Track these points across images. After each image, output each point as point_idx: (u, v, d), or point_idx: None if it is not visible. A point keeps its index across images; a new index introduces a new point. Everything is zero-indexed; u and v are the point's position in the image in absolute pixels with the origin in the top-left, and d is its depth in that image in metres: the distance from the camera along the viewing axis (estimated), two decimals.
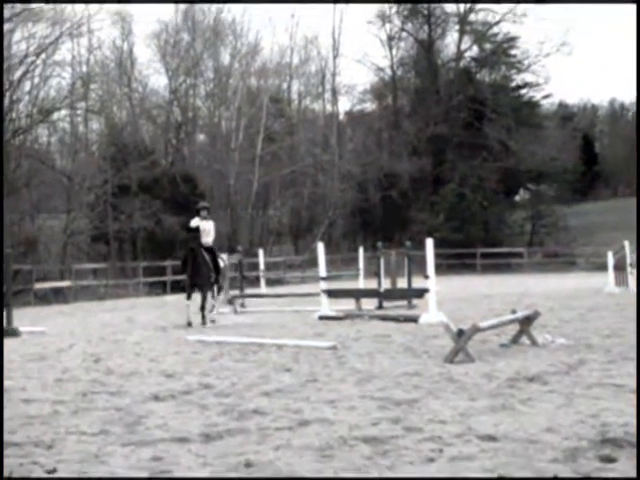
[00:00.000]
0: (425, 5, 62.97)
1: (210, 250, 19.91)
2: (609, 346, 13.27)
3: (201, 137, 62.06)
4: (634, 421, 7.71)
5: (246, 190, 55.08)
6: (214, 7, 56.78)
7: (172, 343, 15.46)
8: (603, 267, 31.47)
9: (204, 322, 19.07)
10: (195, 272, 19.10)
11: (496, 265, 51.44)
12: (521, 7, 59.58)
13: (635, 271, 29.79)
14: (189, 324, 18.78)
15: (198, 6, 55.90)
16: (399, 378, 10.55)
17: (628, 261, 30.03)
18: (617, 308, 20.85)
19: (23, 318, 21.48)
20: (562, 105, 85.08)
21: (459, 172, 58.74)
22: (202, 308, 19.18)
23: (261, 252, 32.33)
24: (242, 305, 25.36)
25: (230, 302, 24.90)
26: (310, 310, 22.04)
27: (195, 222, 19.66)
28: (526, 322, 13.95)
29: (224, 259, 22.82)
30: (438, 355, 12.55)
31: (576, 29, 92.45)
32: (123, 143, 49.73)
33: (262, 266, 31.81)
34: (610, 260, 29.82)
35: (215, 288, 20.77)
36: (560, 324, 16.99)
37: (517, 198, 68.64)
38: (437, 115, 60.56)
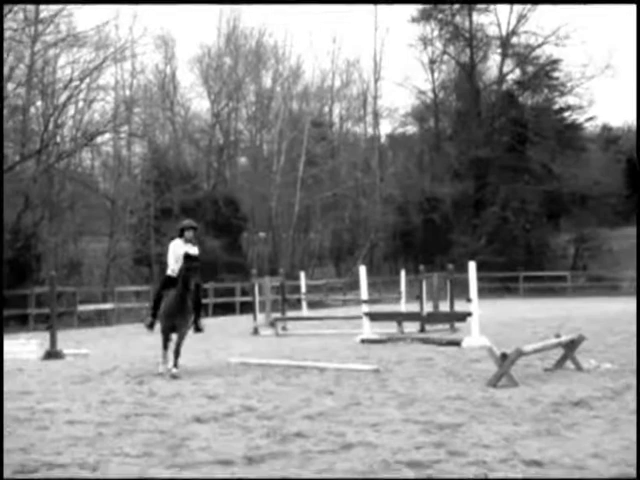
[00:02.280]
0: (467, 28, 62.95)
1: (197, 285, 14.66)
2: None
3: (243, 160, 62.33)
4: None
5: (288, 213, 55.22)
6: (256, 31, 57.15)
7: (214, 365, 15.49)
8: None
9: (175, 366, 14.06)
10: (179, 311, 14.25)
11: (539, 289, 51.02)
12: (564, 29, 59.33)
13: None
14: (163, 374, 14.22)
15: (240, 30, 56.30)
16: (442, 402, 10.50)
17: None
18: None
19: (67, 340, 21.63)
20: (606, 128, 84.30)
21: (501, 195, 58.44)
22: (177, 352, 14.18)
23: (302, 275, 32.31)
24: (284, 328, 25.38)
25: (272, 325, 24.93)
26: (352, 333, 22.00)
27: (177, 248, 14.62)
28: (570, 346, 13.83)
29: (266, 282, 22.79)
30: (481, 379, 12.48)
31: (620, 51, 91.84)
32: (165, 166, 50.06)
33: (304, 289, 31.78)
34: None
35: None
36: (605, 349, 16.83)
37: (560, 221, 68.14)
38: (479, 138, 60.34)
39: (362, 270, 21.57)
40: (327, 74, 63.88)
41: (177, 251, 14.62)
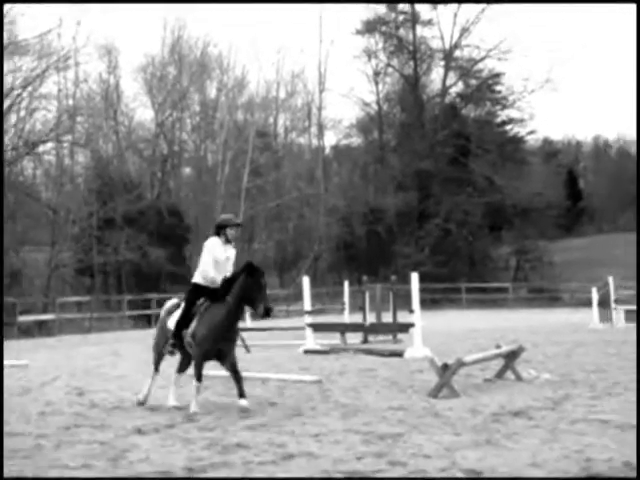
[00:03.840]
0: (410, 41, 63.44)
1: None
2: (593, 382, 13.29)
3: (187, 170, 62.11)
4: (618, 456, 7.71)
5: None
6: (201, 41, 57.08)
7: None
8: (587, 303, 31.60)
9: (243, 395, 11.10)
10: (230, 334, 11.27)
11: (481, 300, 51.45)
12: (506, 43, 60.06)
13: (619, 307, 29.91)
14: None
15: (185, 40, 56.16)
16: (384, 412, 10.54)
17: (612, 297, 30.11)
18: (601, 344, 20.89)
19: (7, 351, 21.35)
20: (547, 141, 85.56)
21: (444, 207, 58.86)
22: (240, 376, 11.21)
23: None
24: None
25: None
26: (295, 344, 21.99)
27: (217, 249, 11.49)
28: (511, 357, 13.97)
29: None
30: (423, 390, 12.55)
31: (560, 66, 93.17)
32: (109, 176, 49.70)
33: None
34: (594, 296, 29.93)
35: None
36: (545, 359, 17.00)
37: (502, 233, 68.82)
38: (422, 150, 60.75)
39: (305, 281, 21.60)
40: (272, 85, 64.03)
41: (217, 254, 11.44)
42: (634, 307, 29.46)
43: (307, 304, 21.13)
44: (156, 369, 12.02)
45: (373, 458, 7.84)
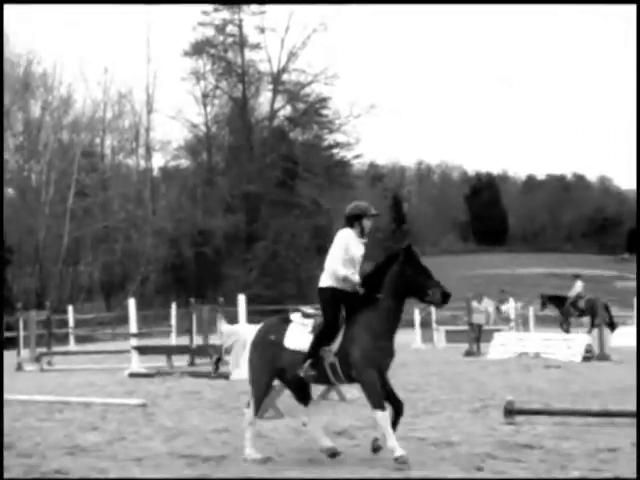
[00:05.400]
0: (239, 64, 63.73)
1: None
2: (414, 401, 13.61)
3: (9, 191, 60.33)
4: (434, 473, 7.95)
5: (56, 245, 53.86)
6: (24, 59, 55.69)
7: None
8: (410, 324, 32.34)
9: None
10: (391, 346, 9.07)
11: None
12: (332, 69, 61.19)
13: (440, 328, 30.84)
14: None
15: (7, 57, 54.60)
16: (208, 435, 10.52)
17: (434, 318, 30.99)
18: (422, 364, 21.43)
19: None
20: (372, 165, 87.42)
21: (272, 229, 59.27)
22: (401, 410, 9.25)
23: (70, 308, 31.59)
24: (49, 363, 24.66)
25: (37, 360, 24.17)
26: (120, 367, 21.65)
27: (352, 243, 9.36)
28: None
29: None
30: None
31: (385, 92, 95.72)
32: None
33: (71, 323, 31.05)
34: (417, 317, 30.71)
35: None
36: None
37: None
38: (251, 173, 61.05)
39: (131, 303, 21.36)
40: (99, 105, 63.01)
41: (353, 250, 9.33)
42: (455, 327, 30.43)
43: (133, 327, 20.89)
44: (256, 412, 9.51)
45: None
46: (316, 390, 13.28)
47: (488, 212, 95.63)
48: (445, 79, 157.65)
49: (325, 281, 9.39)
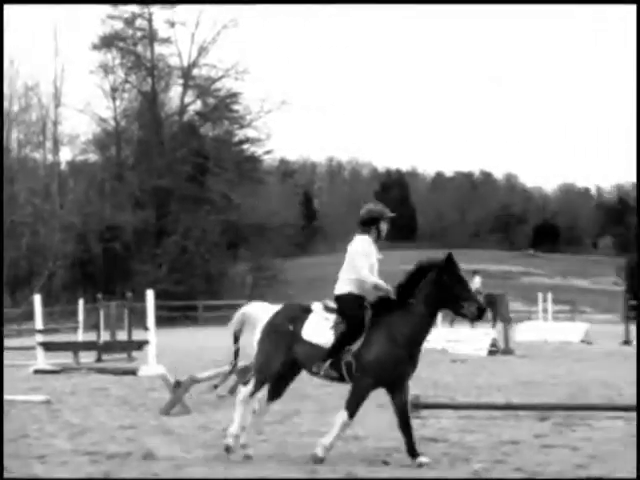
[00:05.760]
0: (148, 58, 63.14)
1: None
2: (322, 396, 13.70)
3: None
4: (341, 468, 8.02)
5: None
6: None
7: None
8: None
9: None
10: (415, 354, 8.98)
11: (218, 317, 51.56)
12: (243, 64, 61.07)
13: None
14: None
15: None
16: (114, 432, 10.44)
17: None
18: None
19: None
20: (283, 161, 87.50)
21: (182, 225, 58.87)
22: (408, 423, 8.82)
23: None
24: None
25: None
26: (26, 364, 21.28)
27: (371, 250, 9.23)
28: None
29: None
30: (156, 407, 12.50)
31: (296, 88, 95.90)
32: None
33: None
34: None
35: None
36: None
37: (239, 251, 69.60)
38: (161, 167, 60.54)
39: (37, 299, 21.00)
40: (4, 98, 61.69)
41: (372, 257, 9.18)
42: None
43: (38, 323, 20.56)
44: (254, 392, 9.27)
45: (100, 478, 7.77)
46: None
47: (397, 209, 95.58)
48: (354, 76, 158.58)
49: (344, 287, 9.03)
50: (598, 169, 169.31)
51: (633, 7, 51.23)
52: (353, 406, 8.65)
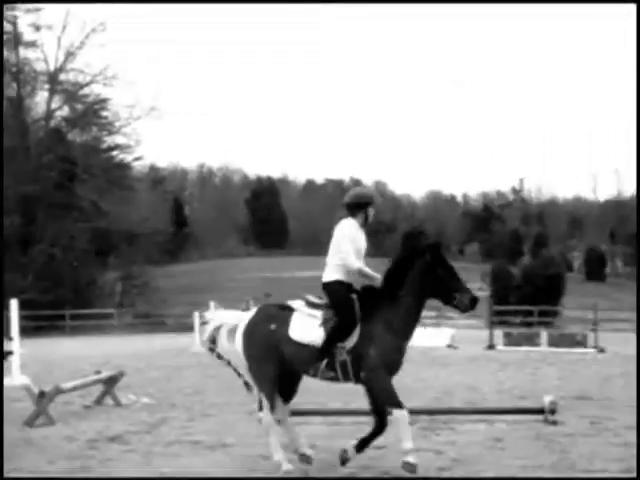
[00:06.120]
0: (13, 62, 61.73)
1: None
2: (190, 404, 13.66)
3: None
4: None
5: None
6: None
7: None
8: (191, 327, 32.30)
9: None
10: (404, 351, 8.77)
11: (86, 326, 50.81)
12: (111, 69, 60.33)
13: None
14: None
15: None
16: None
17: None
18: (201, 367, 21.46)
19: None
20: (153, 168, 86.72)
21: (50, 232, 57.66)
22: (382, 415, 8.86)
23: None
24: None
25: None
26: None
27: (357, 234, 8.91)
28: (110, 382, 14.00)
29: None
30: (19, 419, 12.23)
31: (166, 94, 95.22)
32: None
33: None
34: (196, 320, 30.71)
35: None
36: (146, 384, 17.19)
37: (109, 258, 68.65)
38: (27, 173, 59.15)
39: None
40: None
41: (359, 242, 8.88)
42: None
43: None
44: (273, 409, 8.77)
45: None
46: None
47: (268, 216, 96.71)
48: (224, 82, 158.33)
49: (331, 274, 8.74)
50: (464, 177, 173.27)
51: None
52: (393, 399, 8.28)
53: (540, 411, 11.72)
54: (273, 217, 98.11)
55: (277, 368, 8.61)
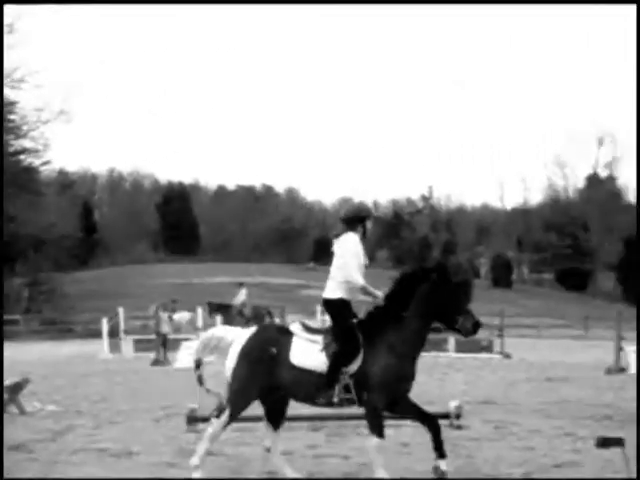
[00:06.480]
0: None
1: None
2: (97, 411, 13.53)
3: None
4: None
5: None
6: None
7: None
8: (99, 334, 31.95)
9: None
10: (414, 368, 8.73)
11: None
12: (19, 72, 59.35)
13: (128, 337, 30.75)
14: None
15: None
16: None
17: (122, 328, 30.80)
18: (108, 374, 21.27)
19: None
20: (62, 172, 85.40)
21: None
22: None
23: None
24: None
25: None
26: None
27: (360, 249, 8.79)
28: (14, 390, 13.77)
29: None
30: None
31: (76, 98, 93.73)
32: None
33: None
34: (104, 327, 30.39)
35: None
36: (52, 391, 16.97)
37: (15, 264, 67.44)
38: None
39: None
40: None
41: (361, 257, 8.75)
42: (143, 337, 30.43)
43: None
44: (227, 425, 8.65)
45: None
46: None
47: (179, 221, 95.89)
48: (134, 85, 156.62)
49: (334, 292, 8.55)
50: (375, 184, 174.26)
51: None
52: (376, 427, 8.36)
53: (446, 416, 11.88)
54: (184, 223, 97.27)
55: (258, 395, 8.54)
